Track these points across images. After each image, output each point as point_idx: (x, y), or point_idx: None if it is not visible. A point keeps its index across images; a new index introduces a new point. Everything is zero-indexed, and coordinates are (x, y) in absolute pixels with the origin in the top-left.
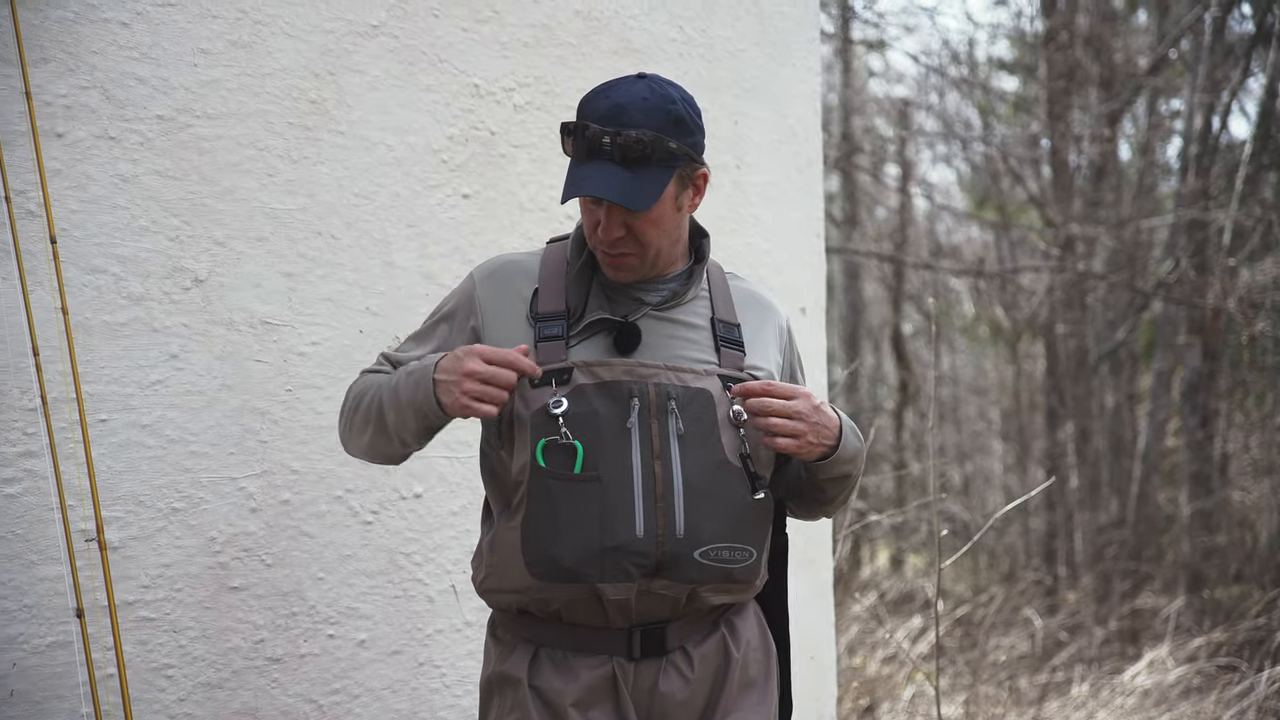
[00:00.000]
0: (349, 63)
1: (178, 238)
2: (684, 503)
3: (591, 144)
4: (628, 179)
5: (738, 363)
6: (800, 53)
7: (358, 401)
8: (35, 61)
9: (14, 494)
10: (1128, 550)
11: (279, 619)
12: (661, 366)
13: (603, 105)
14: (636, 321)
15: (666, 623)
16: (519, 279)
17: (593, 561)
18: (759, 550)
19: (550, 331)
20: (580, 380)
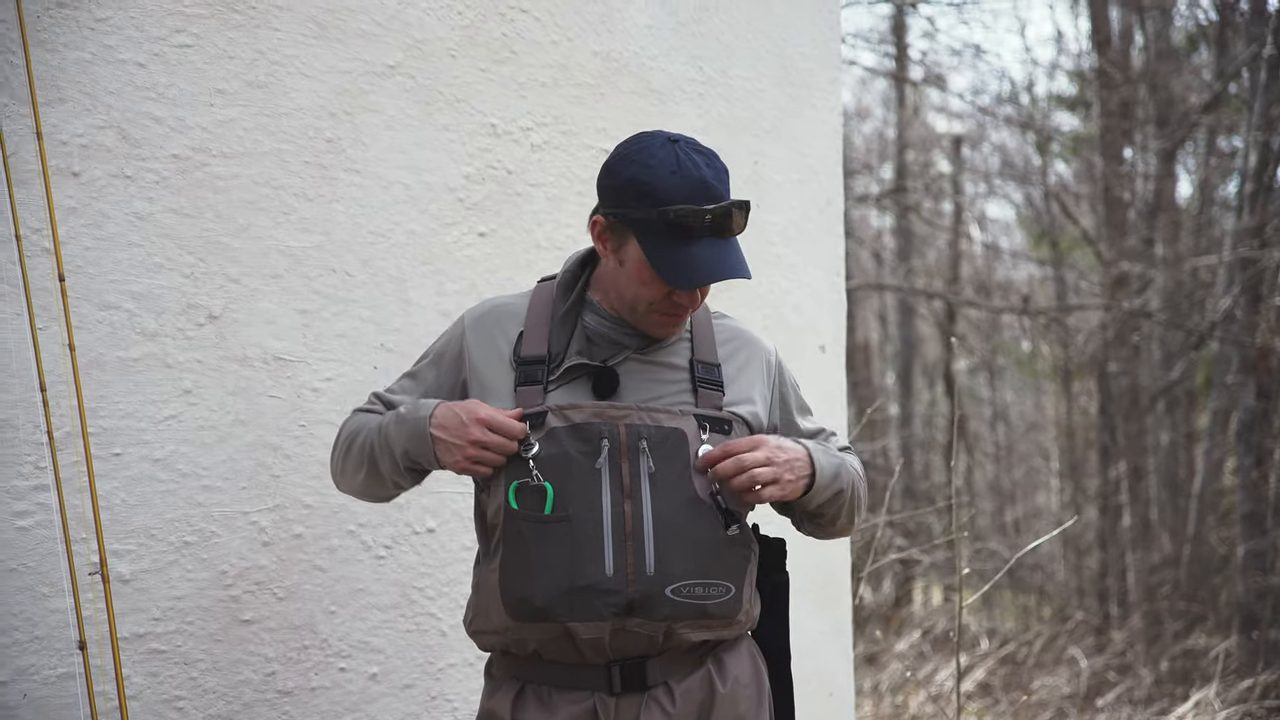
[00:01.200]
0: (365, 102)
1: (192, 274)
2: (654, 540)
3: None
4: (731, 250)
5: (716, 402)
6: (821, 92)
7: (349, 442)
8: (52, 101)
9: (26, 526)
10: (1180, 590)
11: (290, 652)
12: (634, 408)
13: (683, 185)
14: (617, 366)
15: (646, 658)
16: (506, 322)
17: (563, 601)
18: (738, 586)
19: (530, 376)
20: (553, 423)
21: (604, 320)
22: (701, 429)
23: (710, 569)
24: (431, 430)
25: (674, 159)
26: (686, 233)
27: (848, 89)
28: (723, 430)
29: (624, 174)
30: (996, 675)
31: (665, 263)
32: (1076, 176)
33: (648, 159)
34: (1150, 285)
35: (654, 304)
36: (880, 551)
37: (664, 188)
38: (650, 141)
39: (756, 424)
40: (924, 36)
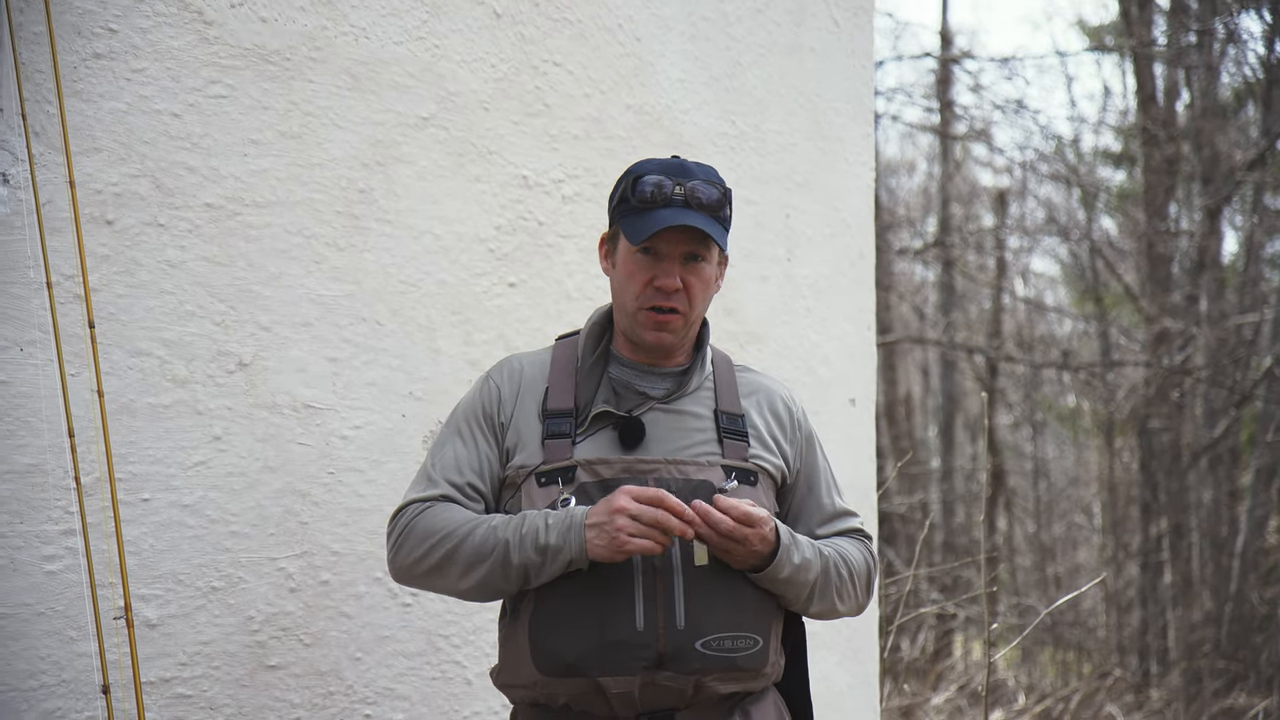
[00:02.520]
0: (398, 153)
1: (223, 322)
2: (684, 594)
3: (657, 193)
4: (703, 221)
5: (741, 453)
6: (854, 147)
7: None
8: (87, 151)
9: (55, 570)
10: (1221, 648)
11: (316, 698)
12: (662, 461)
13: (660, 164)
14: (642, 415)
15: (674, 710)
16: (532, 376)
17: (594, 655)
18: (764, 638)
19: (558, 429)
20: (583, 479)
21: (627, 369)
22: (728, 478)
23: (739, 621)
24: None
25: (664, 160)
26: (656, 201)
27: (891, 142)
28: (749, 482)
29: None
30: None
31: (632, 225)
32: (1121, 232)
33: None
34: (1193, 342)
35: (640, 296)
36: (913, 605)
37: (641, 169)
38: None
39: (780, 477)
40: (969, 90)
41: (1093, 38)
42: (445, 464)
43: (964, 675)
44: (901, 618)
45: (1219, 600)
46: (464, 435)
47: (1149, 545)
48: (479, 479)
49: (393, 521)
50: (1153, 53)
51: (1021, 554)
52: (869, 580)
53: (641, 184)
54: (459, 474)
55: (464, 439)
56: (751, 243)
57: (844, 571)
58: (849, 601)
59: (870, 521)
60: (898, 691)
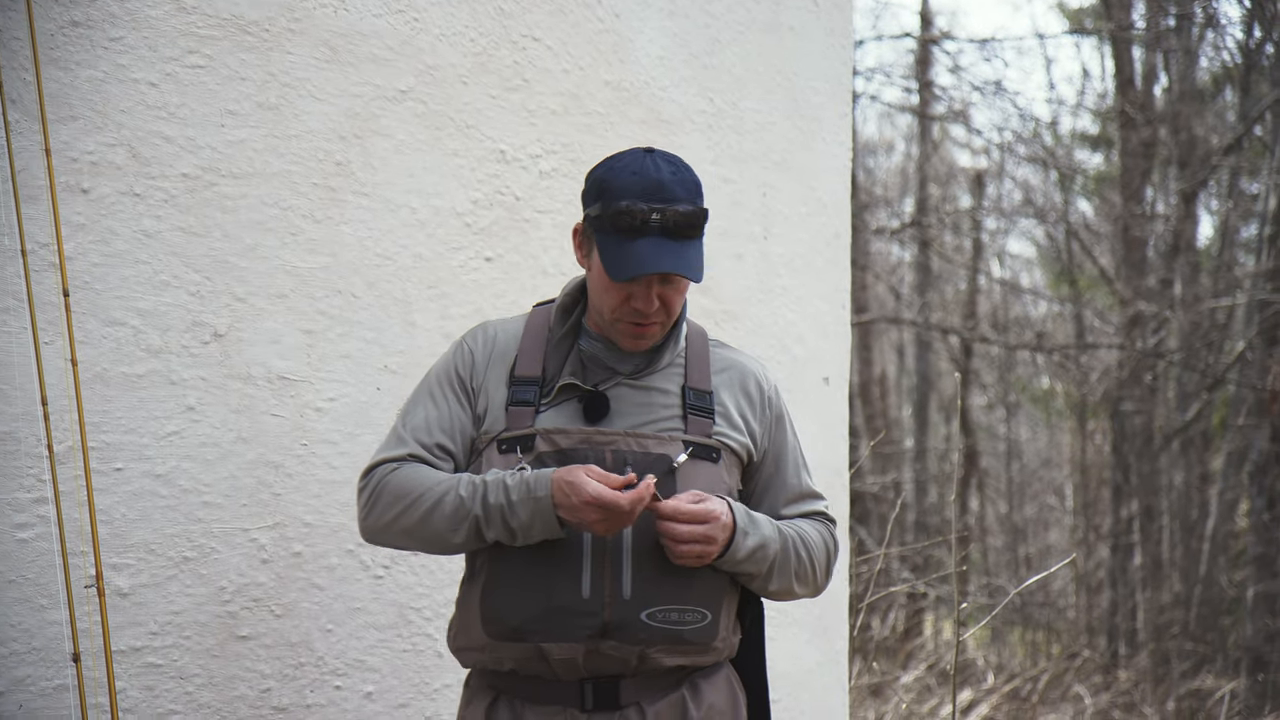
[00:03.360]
0: (376, 126)
1: (198, 293)
2: (632, 565)
3: (637, 222)
4: (680, 250)
5: (705, 430)
6: (831, 126)
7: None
8: (64, 119)
9: (26, 539)
10: (1189, 630)
11: (286, 669)
12: (621, 433)
13: (638, 183)
14: (609, 390)
15: (620, 678)
16: (505, 342)
17: (538, 621)
18: (714, 613)
19: (522, 397)
20: (541, 448)
21: (597, 343)
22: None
23: (686, 594)
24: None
25: (639, 162)
26: (634, 229)
27: (870, 122)
28: (710, 458)
29: (592, 176)
30: (1001, 710)
31: (611, 257)
32: (1097, 215)
33: (615, 161)
34: (1166, 325)
35: (616, 311)
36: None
37: (618, 185)
38: (629, 151)
39: (745, 455)
40: (948, 71)
41: (1072, 20)
42: (415, 424)
43: (933, 654)
44: (872, 596)
45: (1188, 583)
46: (435, 396)
47: (1120, 527)
48: (448, 439)
49: (363, 480)
50: (1131, 36)
51: (993, 534)
52: (828, 564)
53: (620, 212)
54: (428, 434)
55: (435, 400)
56: (728, 221)
57: (803, 554)
58: (807, 583)
59: (842, 500)
60: (867, 670)
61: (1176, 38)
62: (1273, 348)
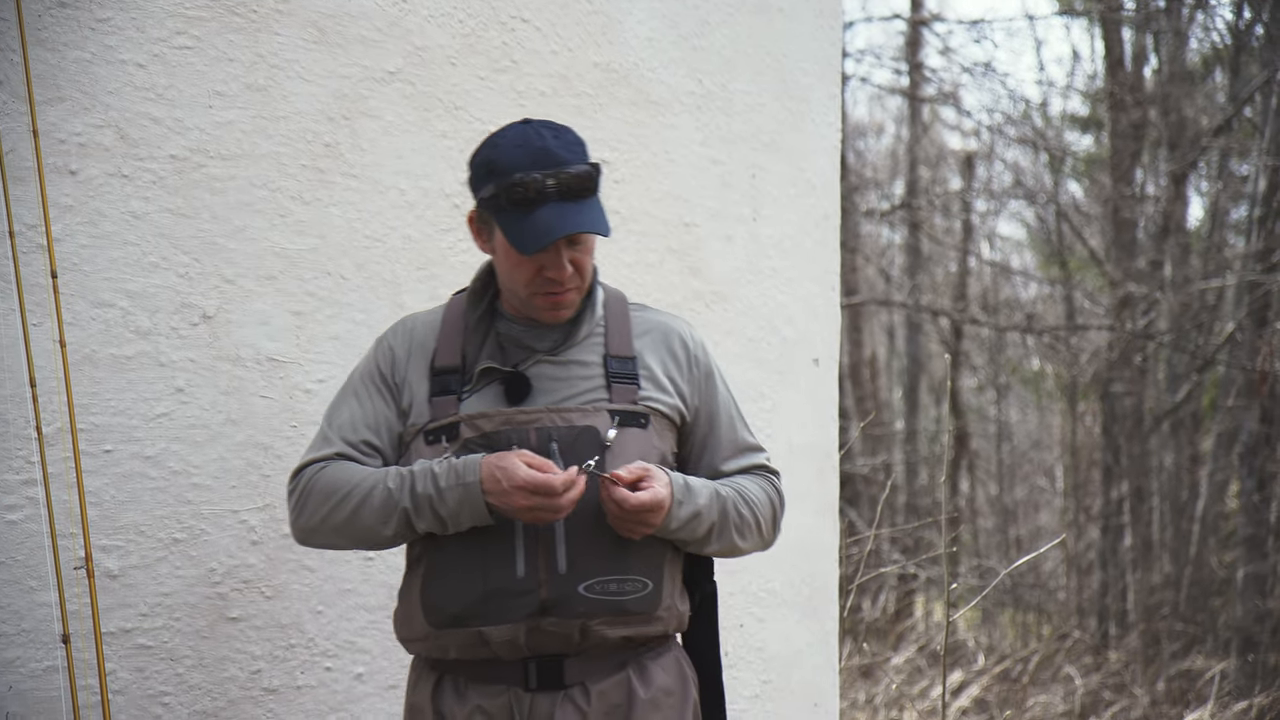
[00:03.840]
0: (364, 108)
1: (187, 274)
2: (566, 539)
3: (533, 192)
4: (582, 209)
5: (630, 396)
6: (821, 108)
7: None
8: (51, 100)
9: (15, 520)
10: (1179, 611)
11: (277, 650)
12: (543, 410)
13: (525, 154)
14: (529, 369)
15: (564, 657)
16: (424, 334)
17: (477, 606)
18: (655, 581)
19: (444, 386)
20: (466, 434)
21: (513, 324)
22: (614, 421)
23: (625, 564)
24: (486, 500)
25: (520, 134)
26: (531, 201)
27: (860, 105)
28: (639, 424)
29: (476, 159)
30: (992, 691)
31: (515, 232)
32: (1087, 196)
33: (496, 139)
34: (1156, 307)
35: (530, 284)
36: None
37: (506, 160)
38: (507, 126)
39: (675, 417)
40: (938, 53)
41: (1062, 2)
42: (341, 423)
43: (924, 635)
44: (862, 577)
45: (1178, 564)
46: (359, 395)
47: (1110, 509)
48: (374, 435)
49: (292, 482)
50: (1121, 17)
51: (983, 516)
52: (774, 517)
53: (513, 186)
54: (354, 432)
55: (359, 398)
56: (718, 202)
57: (744, 511)
58: (751, 539)
59: (832, 482)
60: (858, 651)
61: (1166, 19)
62: (1262, 329)
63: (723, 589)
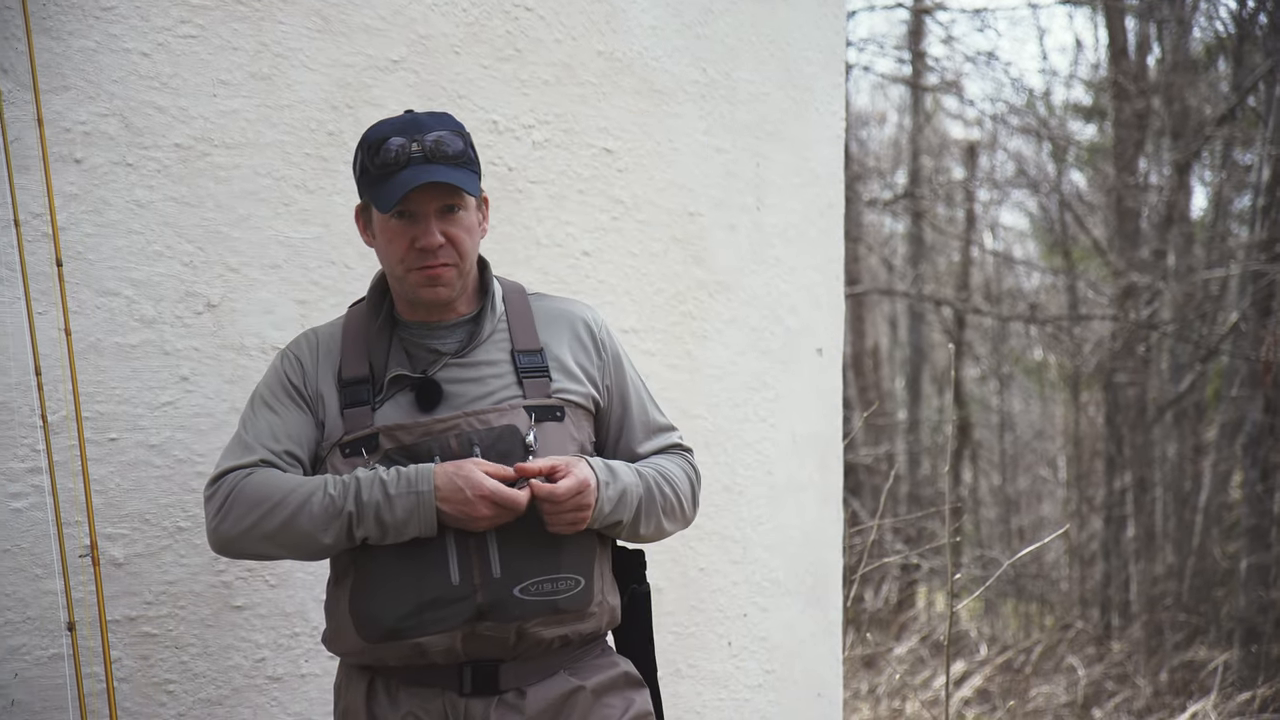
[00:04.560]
0: (368, 96)
1: (191, 263)
2: (498, 542)
3: (399, 155)
4: (448, 171)
5: (544, 390)
6: (825, 96)
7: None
8: (56, 89)
9: (20, 508)
10: (1182, 602)
11: (281, 639)
12: (460, 414)
13: (393, 124)
14: (438, 373)
15: (500, 662)
16: (328, 346)
17: (412, 617)
18: (587, 577)
19: (355, 398)
20: (386, 445)
21: (413, 329)
22: (531, 418)
23: (557, 562)
24: (438, 505)
25: (395, 116)
26: (397, 165)
27: (863, 94)
28: (555, 418)
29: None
30: (995, 682)
31: (380, 195)
32: (1091, 186)
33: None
34: (1160, 297)
35: (405, 260)
36: (877, 555)
37: (374, 133)
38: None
39: (590, 405)
40: (941, 42)
41: None
42: (260, 431)
43: (926, 626)
44: (865, 567)
45: (1181, 554)
46: (273, 406)
47: (1113, 499)
48: (296, 446)
49: (211, 488)
50: (1125, 6)
51: (986, 506)
52: (693, 494)
53: (380, 150)
54: (275, 441)
55: (273, 409)
56: (721, 191)
57: (667, 490)
58: (676, 519)
59: (836, 472)
60: (860, 641)
61: (1170, 8)
62: (1266, 319)
63: (726, 578)
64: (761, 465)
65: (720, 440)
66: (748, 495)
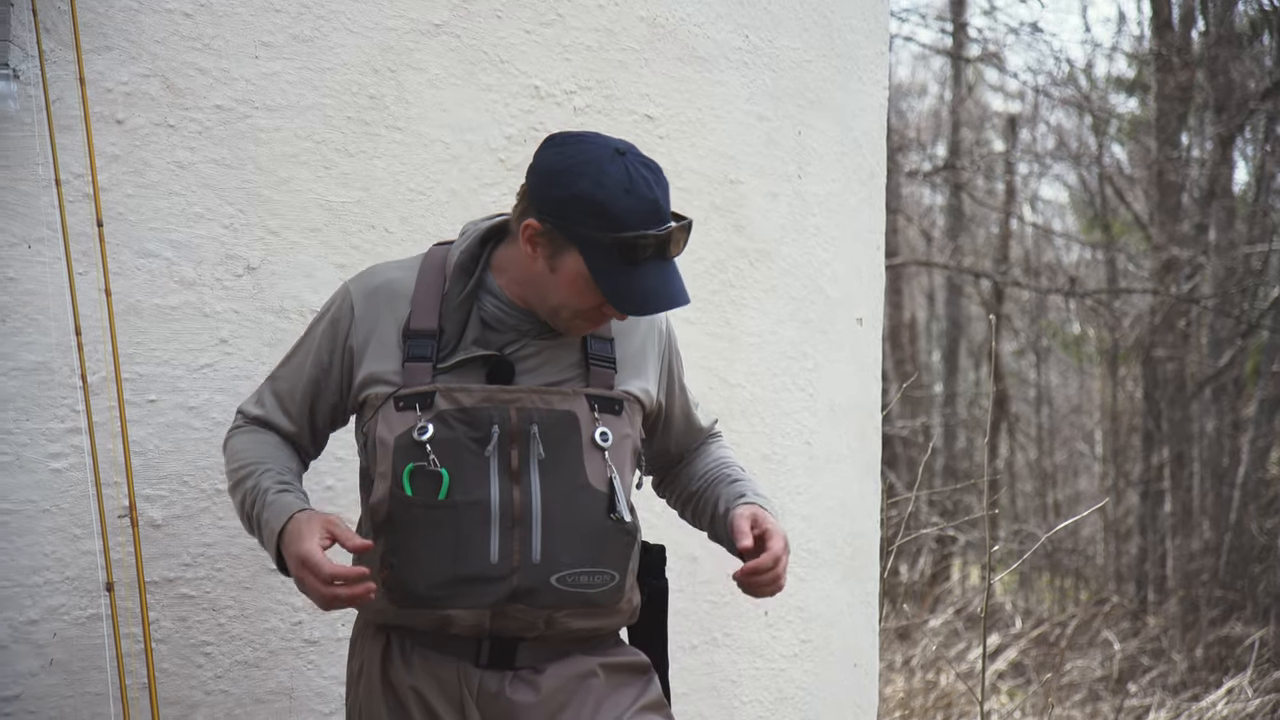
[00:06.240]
0: (410, 60)
1: (232, 225)
2: (541, 528)
3: (647, 250)
4: (675, 273)
5: (607, 381)
6: (868, 65)
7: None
8: (98, 49)
9: (60, 469)
10: (1219, 578)
11: None
12: (525, 390)
13: (637, 207)
14: (516, 351)
15: (520, 640)
16: (395, 299)
17: (445, 589)
18: (621, 574)
19: (419, 351)
20: (443, 406)
21: (504, 306)
22: (593, 409)
23: (596, 556)
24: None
25: (626, 176)
26: (635, 256)
27: (904, 65)
28: (613, 411)
29: (573, 188)
30: (1029, 656)
31: (613, 287)
32: (1131, 160)
33: (600, 176)
34: (1200, 271)
35: (581, 312)
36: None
37: (618, 211)
38: (597, 152)
39: (648, 401)
40: (983, 13)
41: None
42: (285, 370)
43: (961, 599)
44: (901, 539)
45: (1218, 530)
46: (310, 347)
47: (1150, 474)
48: (304, 403)
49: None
50: None
51: (1022, 480)
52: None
53: (627, 246)
54: (290, 395)
55: (310, 351)
56: (763, 159)
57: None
58: None
59: (875, 443)
60: (895, 613)
61: None
62: None
63: None
64: (800, 435)
65: (759, 409)
66: (786, 465)
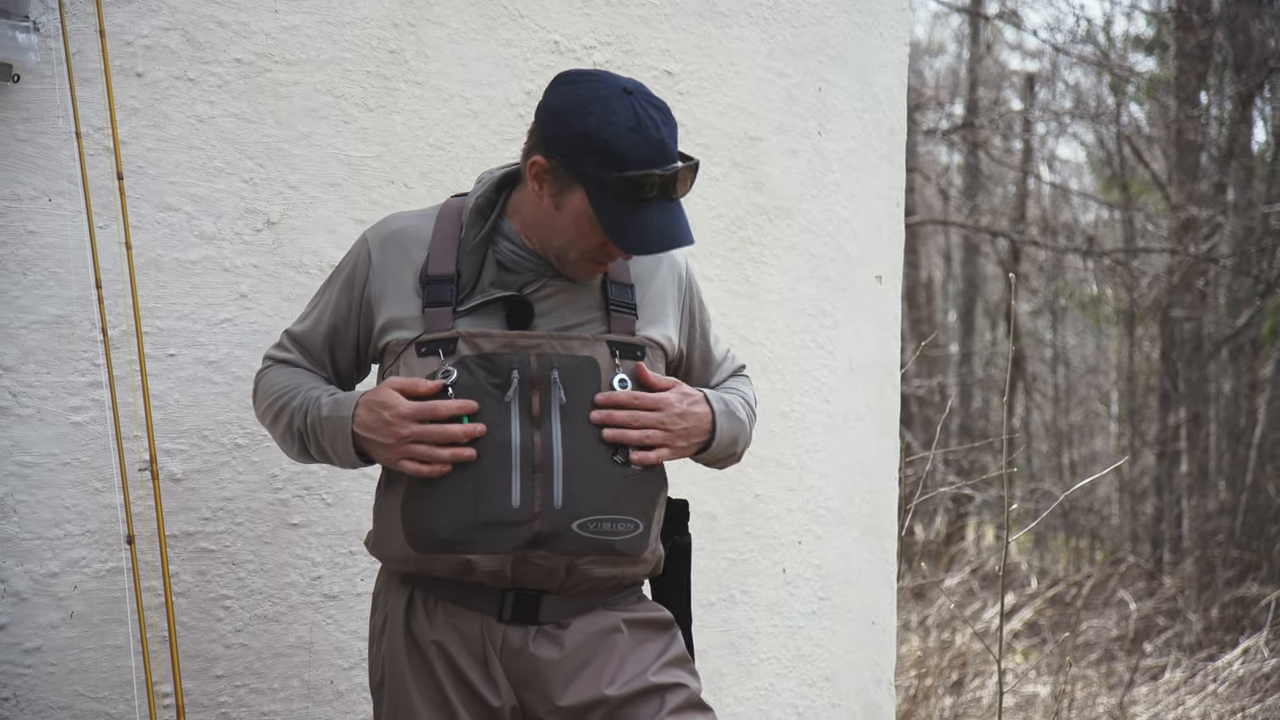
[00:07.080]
0: (429, 14)
1: (251, 180)
2: (563, 474)
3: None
4: (681, 213)
5: (629, 327)
6: (889, 21)
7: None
8: (118, 2)
9: (81, 422)
10: (1235, 538)
11: (337, 557)
12: (545, 336)
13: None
14: (534, 291)
15: (544, 593)
16: (411, 245)
17: (467, 533)
18: (646, 523)
19: (438, 296)
20: (464, 351)
21: (519, 250)
22: (614, 355)
23: (620, 503)
24: (355, 430)
25: (632, 114)
26: (640, 195)
27: (921, 23)
28: (635, 356)
29: (579, 125)
30: (1045, 615)
31: (617, 226)
32: (1150, 119)
33: (606, 114)
34: (1219, 231)
35: (587, 253)
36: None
37: (623, 149)
38: (605, 90)
39: (670, 347)
40: None
41: None
42: (306, 319)
43: (977, 558)
44: (919, 498)
45: (1234, 491)
46: (329, 296)
47: (1166, 434)
48: (323, 351)
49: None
50: None
51: (1038, 440)
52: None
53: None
54: (310, 342)
55: (329, 300)
56: (783, 115)
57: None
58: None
59: (894, 400)
60: (911, 572)
61: None
62: None
63: (781, 505)
64: (819, 392)
65: (778, 366)
66: (805, 422)
